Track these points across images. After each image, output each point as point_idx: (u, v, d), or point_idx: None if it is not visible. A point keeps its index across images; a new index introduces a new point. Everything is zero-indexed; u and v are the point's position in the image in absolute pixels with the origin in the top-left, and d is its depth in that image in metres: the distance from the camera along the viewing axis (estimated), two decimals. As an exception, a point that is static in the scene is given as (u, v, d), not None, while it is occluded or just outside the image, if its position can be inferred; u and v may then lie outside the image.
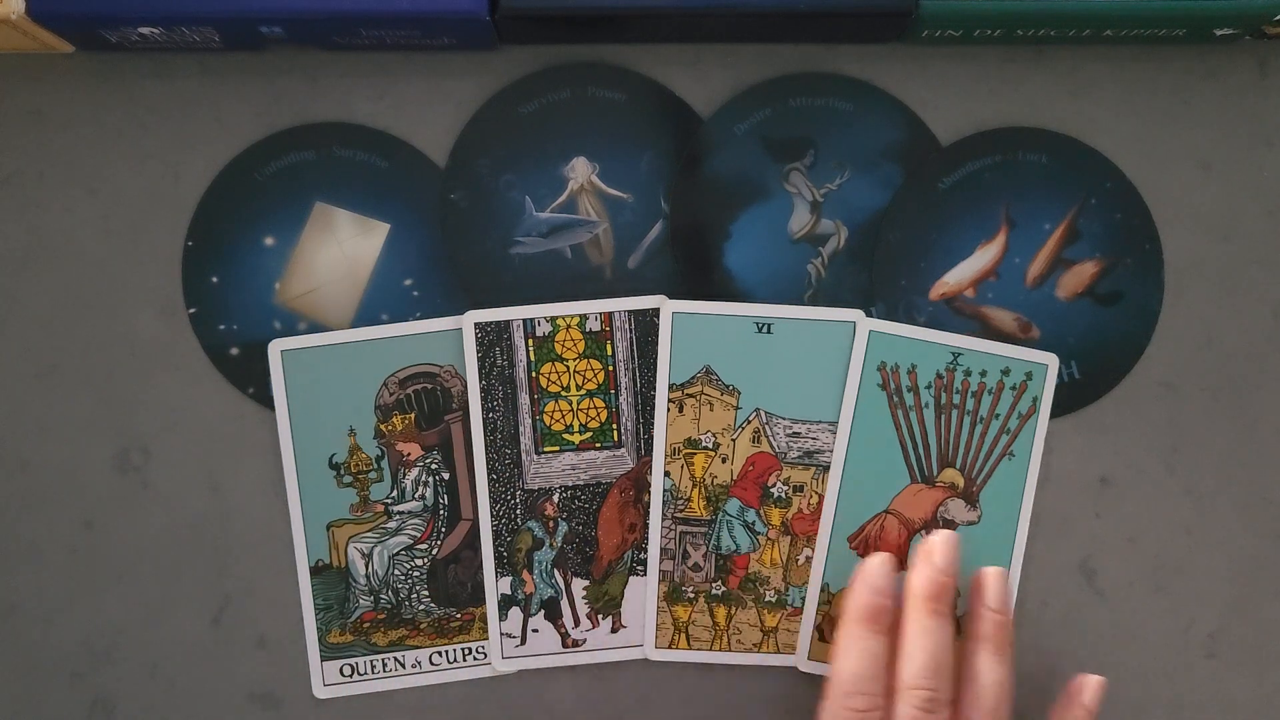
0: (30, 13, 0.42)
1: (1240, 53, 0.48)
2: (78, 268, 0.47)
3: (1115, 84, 0.48)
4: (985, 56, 0.48)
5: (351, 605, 0.47)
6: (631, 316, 0.46)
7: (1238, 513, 0.47)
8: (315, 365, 0.46)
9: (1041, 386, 0.46)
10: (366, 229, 0.47)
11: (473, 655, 0.47)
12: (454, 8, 0.43)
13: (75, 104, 0.47)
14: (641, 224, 0.47)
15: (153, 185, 0.47)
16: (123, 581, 0.47)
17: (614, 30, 0.46)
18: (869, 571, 0.43)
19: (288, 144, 0.47)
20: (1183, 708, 0.47)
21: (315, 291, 0.47)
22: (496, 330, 0.46)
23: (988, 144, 0.47)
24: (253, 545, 0.47)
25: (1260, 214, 0.48)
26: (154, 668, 0.47)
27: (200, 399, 0.47)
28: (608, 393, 0.47)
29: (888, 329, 0.46)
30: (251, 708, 0.47)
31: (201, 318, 0.47)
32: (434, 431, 0.47)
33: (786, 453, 0.46)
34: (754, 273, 0.47)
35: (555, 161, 0.47)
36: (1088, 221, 0.47)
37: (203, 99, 0.47)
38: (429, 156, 0.47)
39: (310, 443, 0.46)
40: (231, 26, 0.44)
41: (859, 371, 0.46)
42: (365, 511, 0.47)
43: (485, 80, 0.47)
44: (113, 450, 0.47)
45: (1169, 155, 0.48)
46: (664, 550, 0.46)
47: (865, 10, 0.44)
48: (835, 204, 0.47)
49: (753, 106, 0.47)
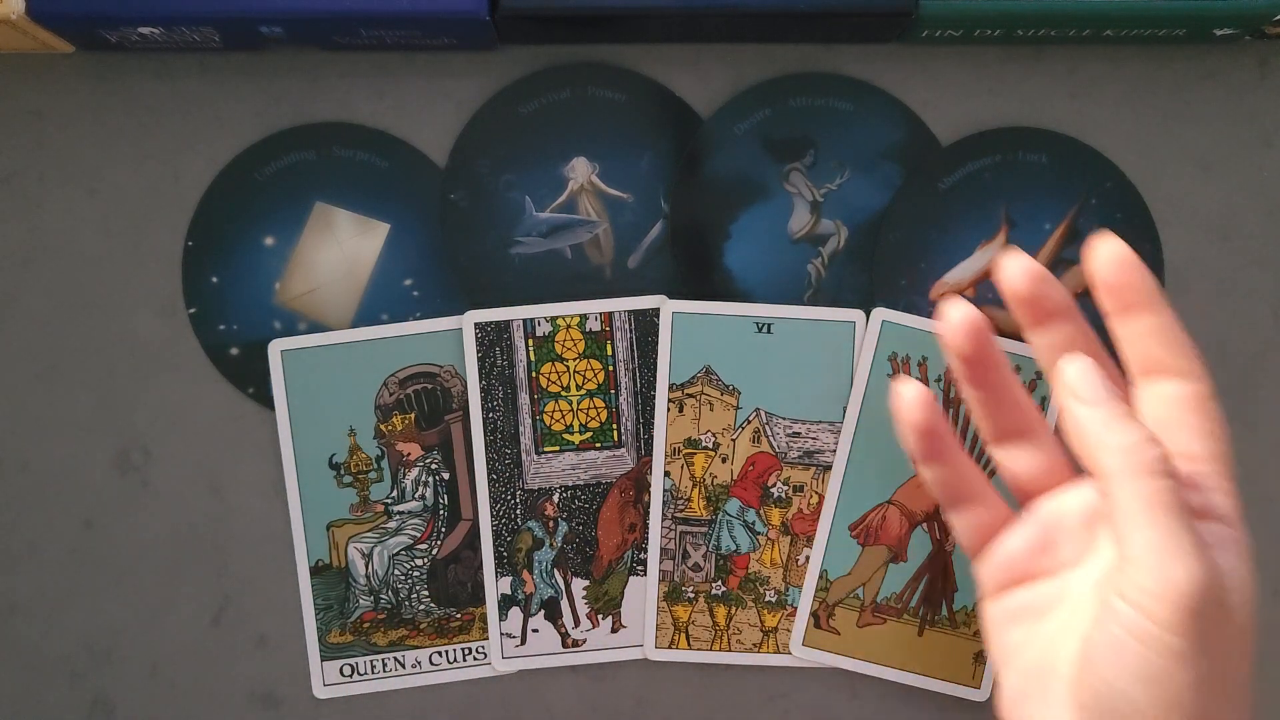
0: (30, 13, 0.42)
1: (1240, 53, 0.48)
2: (78, 268, 0.47)
3: (1115, 84, 0.48)
4: (985, 56, 0.48)
5: (351, 605, 0.47)
6: (631, 316, 0.46)
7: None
8: (315, 365, 0.46)
9: (1049, 386, 0.46)
10: (366, 229, 0.47)
11: (473, 655, 0.47)
12: (454, 8, 0.43)
13: (75, 104, 0.47)
14: (641, 224, 0.47)
15: (153, 185, 0.47)
16: (123, 581, 0.47)
17: (614, 30, 0.46)
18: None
19: (288, 144, 0.47)
20: (1183, 708, 0.47)
21: (315, 291, 0.47)
22: (496, 330, 0.46)
23: (988, 144, 0.47)
24: (253, 545, 0.47)
25: (1260, 214, 0.48)
26: (154, 668, 0.47)
27: (200, 399, 0.47)
28: (608, 393, 0.47)
29: (900, 320, 0.46)
30: (251, 708, 0.47)
31: (201, 318, 0.47)
32: (434, 431, 0.47)
33: (786, 453, 0.46)
34: (754, 273, 0.47)
35: (555, 161, 0.47)
36: (1088, 221, 0.47)
37: (203, 99, 0.47)
38: (429, 156, 0.47)
39: (310, 443, 0.46)
40: (231, 26, 0.44)
41: (869, 361, 0.46)
42: (365, 511, 0.47)
43: (485, 80, 0.47)
44: (113, 450, 0.47)
45: (1169, 155, 0.48)
46: (664, 550, 0.46)
47: (865, 10, 0.44)
48: (835, 204, 0.47)
49: (753, 106, 0.47)
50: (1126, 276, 0.32)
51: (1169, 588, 0.28)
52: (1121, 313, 0.32)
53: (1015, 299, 0.33)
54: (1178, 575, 0.28)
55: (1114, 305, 0.32)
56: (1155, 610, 0.28)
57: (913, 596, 0.46)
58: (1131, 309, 0.32)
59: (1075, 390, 0.31)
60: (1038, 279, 0.33)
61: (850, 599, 0.46)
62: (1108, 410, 0.31)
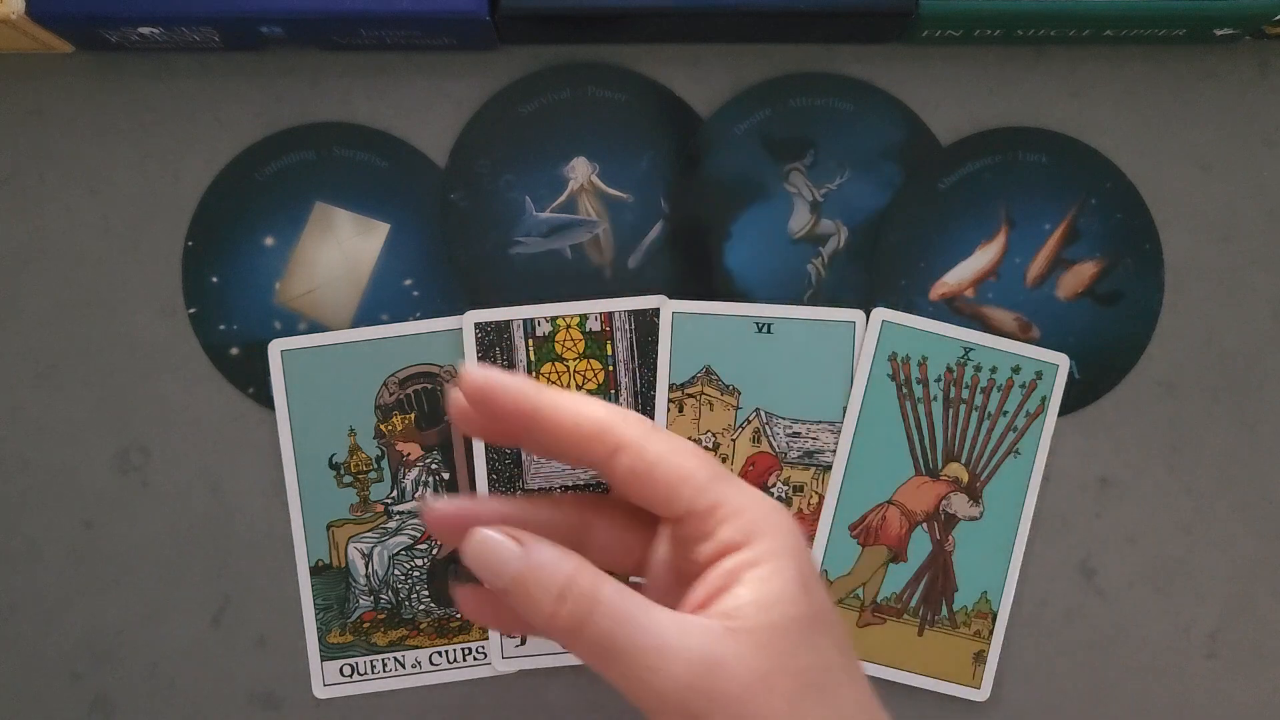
0: (30, 13, 0.42)
1: (1240, 53, 0.48)
2: (78, 268, 0.47)
3: (1115, 84, 0.48)
4: (985, 56, 0.48)
5: (351, 605, 0.47)
6: (631, 316, 0.46)
7: (1238, 513, 0.47)
8: (315, 365, 0.46)
9: (1051, 386, 0.46)
10: (366, 229, 0.47)
11: (473, 655, 0.47)
12: (454, 8, 0.43)
13: (75, 104, 0.47)
14: (641, 224, 0.47)
15: (153, 185, 0.47)
16: (123, 581, 0.47)
17: (614, 30, 0.46)
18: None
19: (288, 144, 0.47)
20: (1183, 708, 0.47)
21: (315, 291, 0.47)
22: (496, 330, 0.46)
23: (988, 144, 0.47)
24: (253, 545, 0.47)
25: (1260, 214, 0.48)
26: (154, 668, 0.47)
27: (200, 399, 0.47)
28: (608, 393, 0.47)
29: (900, 320, 0.46)
30: (251, 708, 0.47)
31: (201, 318, 0.47)
32: (434, 431, 0.47)
33: (786, 453, 0.46)
34: (754, 273, 0.47)
35: (555, 161, 0.47)
36: (1088, 221, 0.47)
37: (203, 99, 0.47)
38: (429, 156, 0.47)
39: (310, 443, 0.46)
40: (231, 26, 0.44)
41: (869, 361, 0.46)
42: (365, 511, 0.47)
43: (485, 80, 0.47)
44: (113, 450, 0.47)
45: (1169, 155, 0.48)
46: (664, 550, 0.46)
47: (865, 10, 0.44)
48: (835, 204, 0.47)
49: (753, 106, 0.47)
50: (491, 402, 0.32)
51: (657, 699, 0.29)
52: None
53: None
54: (652, 691, 0.29)
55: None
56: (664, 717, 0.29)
57: (913, 596, 0.46)
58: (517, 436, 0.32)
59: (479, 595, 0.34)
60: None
61: (850, 599, 0.46)
62: (514, 594, 0.30)
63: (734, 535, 0.30)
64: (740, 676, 0.28)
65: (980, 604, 0.46)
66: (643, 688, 0.29)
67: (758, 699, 0.28)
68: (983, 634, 0.46)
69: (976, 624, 0.46)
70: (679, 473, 0.31)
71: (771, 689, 0.29)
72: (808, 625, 0.30)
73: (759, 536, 0.30)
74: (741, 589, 0.30)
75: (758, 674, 0.29)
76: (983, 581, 0.46)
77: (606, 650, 0.29)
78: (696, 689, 0.28)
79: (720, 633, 0.29)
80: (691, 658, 0.28)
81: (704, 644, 0.29)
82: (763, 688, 0.29)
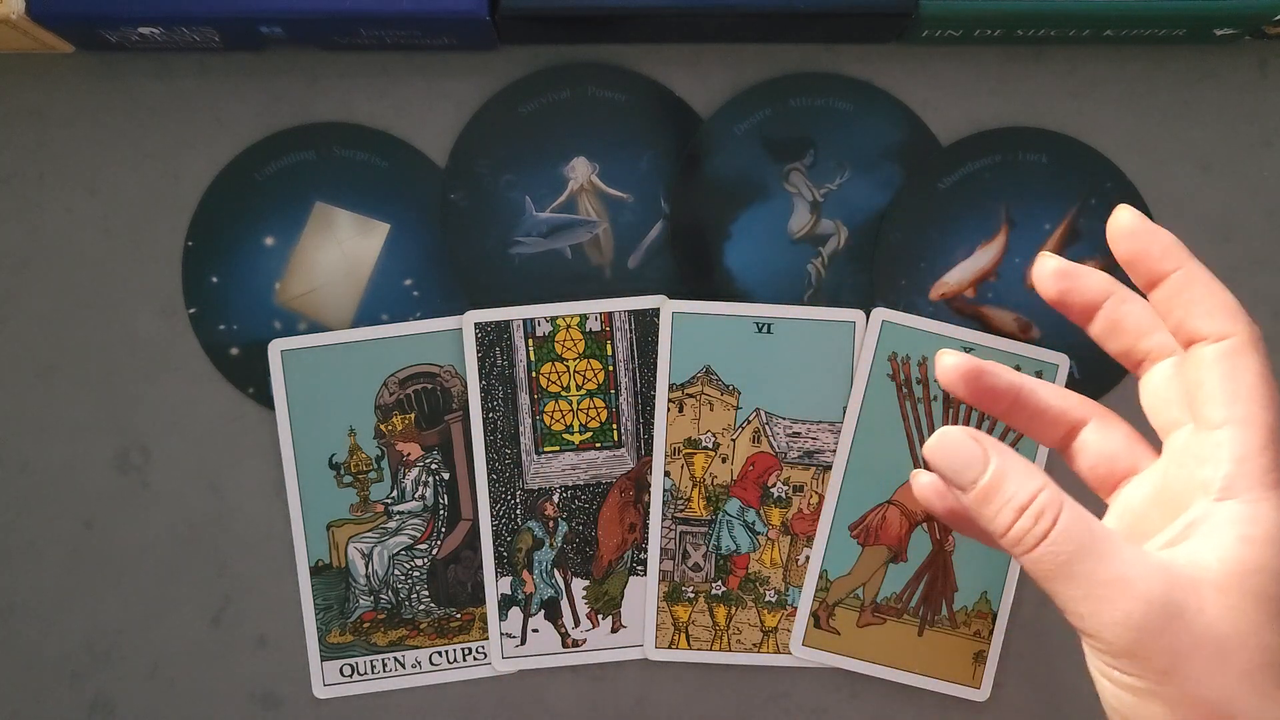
0: (30, 13, 0.42)
1: (1240, 53, 0.48)
2: (78, 268, 0.47)
3: (1115, 84, 0.48)
4: (985, 56, 0.48)
5: (351, 605, 0.47)
6: (631, 316, 0.46)
7: (1238, 513, 0.47)
8: (315, 365, 0.46)
9: (1048, 386, 0.46)
10: (366, 229, 0.47)
11: (473, 655, 0.47)
12: (454, 8, 0.43)
13: (75, 104, 0.47)
14: (641, 224, 0.47)
15: (153, 185, 0.47)
16: (123, 581, 0.47)
17: (614, 30, 0.46)
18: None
19: (288, 144, 0.47)
20: (1183, 708, 0.47)
21: (315, 291, 0.47)
22: (496, 330, 0.46)
23: (988, 144, 0.47)
24: (253, 545, 0.47)
25: (1260, 214, 0.48)
26: (154, 668, 0.47)
27: (200, 399, 0.47)
28: (608, 393, 0.47)
29: (900, 320, 0.46)
30: (251, 708, 0.47)
31: (201, 318, 0.47)
32: (434, 431, 0.47)
33: (786, 453, 0.46)
34: (754, 273, 0.47)
35: (555, 161, 0.47)
36: (1088, 221, 0.47)
37: (203, 99, 0.47)
38: (429, 156, 0.47)
39: (310, 443, 0.46)
40: (231, 26, 0.44)
41: (869, 361, 0.46)
42: (365, 511, 0.47)
43: (485, 80, 0.47)
44: (113, 450, 0.47)
45: (1169, 155, 0.48)
46: (664, 550, 0.46)
47: (865, 10, 0.44)
48: (835, 204, 0.47)
49: (753, 106, 0.47)
50: (1138, 246, 0.31)
51: (1102, 631, 0.28)
52: (1147, 288, 0.31)
53: (1052, 303, 0.33)
54: (1100, 622, 0.28)
55: (1139, 281, 0.31)
56: (1103, 652, 0.28)
57: (913, 596, 0.46)
58: (1153, 280, 0.31)
59: (937, 486, 0.34)
60: (1063, 277, 0.33)
61: (850, 599, 0.46)
62: (973, 498, 0.30)
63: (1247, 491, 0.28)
64: (1196, 633, 0.27)
65: (980, 604, 0.46)
66: (1093, 618, 0.28)
67: (1210, 663, 0.27)
68: (983, 634, 0.46)
69: (976, 624, 0.46)
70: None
71: (1226, 658, 0.27)
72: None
73: (1265, 501, 0.28)
74: (1223, 541, 0.28)
75: (1214, 637, 0.27)
76: (983, 581, 0.46)
77: (1060, 573, 0.28)
78: (1148, 631, 0.27)
79: (1186, 583, 0.27)
80: (1152, 598, 0.27)
81: (1166, 590, 0.27)
82: (1216, 652, 0.27)
